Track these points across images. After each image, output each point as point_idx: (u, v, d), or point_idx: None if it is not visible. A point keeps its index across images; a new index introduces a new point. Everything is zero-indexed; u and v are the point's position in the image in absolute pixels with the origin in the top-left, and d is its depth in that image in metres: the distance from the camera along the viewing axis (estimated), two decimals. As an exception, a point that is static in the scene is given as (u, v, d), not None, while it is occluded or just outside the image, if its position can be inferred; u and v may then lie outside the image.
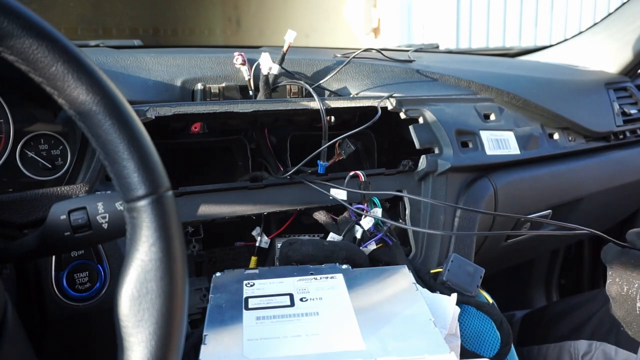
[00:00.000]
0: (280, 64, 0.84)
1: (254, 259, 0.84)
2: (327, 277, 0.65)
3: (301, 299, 0.61)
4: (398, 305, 0.60)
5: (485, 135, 0.96)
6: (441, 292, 0.76)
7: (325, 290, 0.63)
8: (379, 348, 0.51)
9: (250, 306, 0.60)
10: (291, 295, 0.62)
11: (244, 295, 0.62)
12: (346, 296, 0.61)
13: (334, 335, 0.54)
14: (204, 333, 0.55)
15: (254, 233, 0.85)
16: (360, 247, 0.80)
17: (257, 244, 0.84)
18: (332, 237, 0.82)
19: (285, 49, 0.85)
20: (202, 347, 0.53)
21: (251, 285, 0.64)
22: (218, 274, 0.68)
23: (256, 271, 0.69)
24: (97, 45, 1.02)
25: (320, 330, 0.55)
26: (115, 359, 0.38)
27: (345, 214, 0.85)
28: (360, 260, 0.77)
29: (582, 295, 0.99)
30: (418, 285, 0.65)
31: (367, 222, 0.80)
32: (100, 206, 0.46)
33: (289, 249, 0.75)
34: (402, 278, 0.65)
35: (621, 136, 1.26)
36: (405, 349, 0.51)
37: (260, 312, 0.59)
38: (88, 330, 0.70)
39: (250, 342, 0.53)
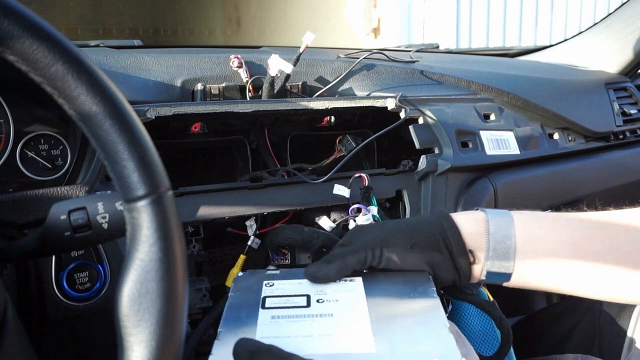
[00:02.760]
0: (295, 64, 0.84)
1: (242, 257, 0.84)
2: (346, 280, 0.66)
3: (317, 300, 0.61)
4: (414, 311, 0.59)
5: (485, 135, 0.96)
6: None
7: (343, 292, 0.63)
8: (388, 351, 0.51)
9: (267, 305, 0.61)
10: (308, 296, 0.62)
11: (262, 295, 0.63)
12: (363, 299, 0.61)
13: (346, 336, 0.55)
14: (219, 329, 0.55)
15: (247, 223, 0.85)
16: None
17: (248, 243, 0.85)
18: (325, 221, 0.83)
19: (301, 50, 0.85)
20: (216, 342, 0.53)
21: (270, 286, 0.65)
22: (240, 273, 0.69)
23: (277, 272, 0.70)
24: (97, 45, 1.02)
25: (333, 331, 0.55)
26: (115, 359, 0.38)
27: (339, 209, 0.86)
28: None
29: (565, 302, 0.99)
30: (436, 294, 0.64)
31: (363, 220, 0.80)
32: (100, 206, 0.46)
33: (272, 234, 0.80)
34: (422, 284, 0.65)
35: (621, 136, 1.27)
36: (415, 353, 0.51)
37: (275, 311, 0.59)
38: (88, 330, 0.70)
39: (263, 339, 0.54)
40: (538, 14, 4.59)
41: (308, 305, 0.60)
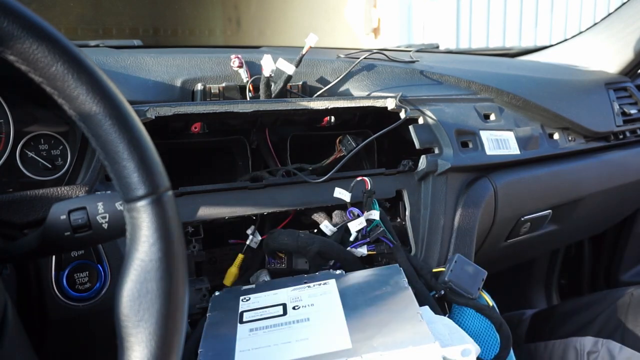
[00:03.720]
0: (297, 66, 0.84)
1: (240, 256, 0.84)
2: (320, 284, 0.66)
3: (294, 307, 0.62)
4: (387, 303, 0.60)
5: (485, 135, 0.96)
6: (442, 292, 0.76)
7: (318, 296, 0.64)
8: (365, 345, 0.52)
9: (244, 319, 0.62)
10: (284, 305, 0.63)
11: (240, 310, 0.63)
12: (337, 300, 0.62)
13: (323, 338, 0.56)
14: (199, 350, 0.56)
15: (248, 231, 0.85)
16: (350, 248, 0.80)
17: (247, 243, 0.85)
18: (326, 225, 0.83)
19: (304, 51, 0.85)
20: None
21: (247, 300, 0.66)
22: (217, 293, 0.70)
23: (252, 286, 0.70)
24: (97, 45, 1.02)
25: (310, 334, 0.56)
26: (115, 359, 0.38)
27: (340, 211, 0.86)
28: (335, 254, 0.78)
29: (592, 296, 1.00)
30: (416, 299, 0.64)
31: (355, 225, 0.80)
32: (100, 206, 0.46)
33: (268, 238, 0.80)
34: (393, 276, 0.66)
35: (621, 136, 1.26)
36: (391, 343, 0.52)
37: (253, 324, 0.61)
38: (88, 330, 0.70)
39: (242, 353, 0.55)
40: (538, 14, 4.59)
41: (285, 313, 0.61)
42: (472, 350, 0.51)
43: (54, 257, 0.65)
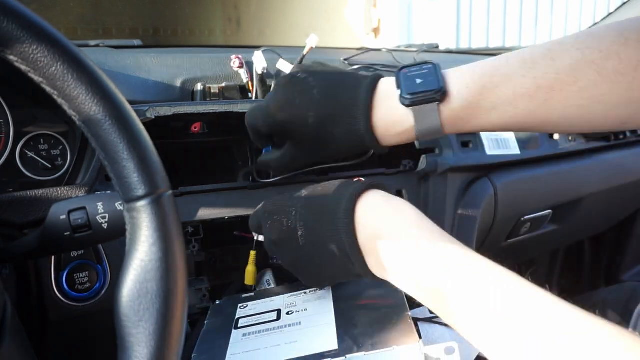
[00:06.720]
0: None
1: (253, 253, 0.84)
2: (316, 290, 0.67)
3: (287, 313, 0.63)
4: (379, 306, 0.61)
5: (485, 135, 0.96)
6: None
7: (312, 301, 0.65)
8: (350, 346, 0.54)
9: (239, 325, 0.63)
10: (279, 311, 0.64)
11: (236, 317, 0.64)
12: (330, 304, 0.63)
13: (311, 340, 0.57)
14: (193, 355, 0.57)
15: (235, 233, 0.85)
16: None
17: (255, 238, 0.85)
18: None
19: (305, 52, 0.85)
20: None
21: (244, 307, 0.67)
22: (218, 302, 0.71)
23: (252, 294, 0.72)
24: (97, 45, 1.02)
25: (300, 337, 0.57)
26: (115, 359, 0.38)
27: None
28: None
29: (577, 299, 1.00)
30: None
31: None
32: (100, 206, 0.46)
33: None
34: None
35: (621, 136, 1.26)
36: (376, 343, 0.54)
37: (247, 329, 0.62)
38: (88, 330, 0.70)
39: (232, 357, 0.56)
40: (538, 14, 4.59)
41: (278, 318, 0.62)
42: (456, 348, 0.51)
43: (53, 257, 0.65)
